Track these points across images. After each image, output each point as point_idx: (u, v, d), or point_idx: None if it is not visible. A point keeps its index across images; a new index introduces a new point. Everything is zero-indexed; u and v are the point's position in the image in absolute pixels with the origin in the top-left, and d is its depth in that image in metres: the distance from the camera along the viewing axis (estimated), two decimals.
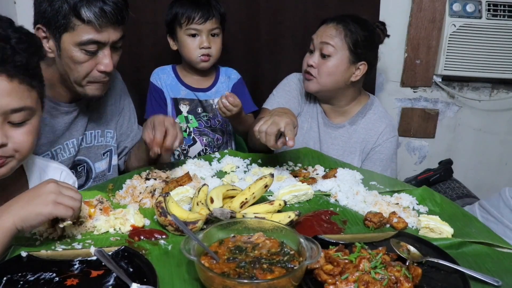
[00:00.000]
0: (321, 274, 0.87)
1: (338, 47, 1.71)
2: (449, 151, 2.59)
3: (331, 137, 1.85)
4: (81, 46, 1.30)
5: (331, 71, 1.73)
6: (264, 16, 2.17)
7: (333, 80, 1.75)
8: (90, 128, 1.55)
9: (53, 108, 1.42)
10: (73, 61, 1.32)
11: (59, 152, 1.46)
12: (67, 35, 1.29)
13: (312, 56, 1.77)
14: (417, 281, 0.86)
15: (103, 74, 1.36)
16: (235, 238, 0.96)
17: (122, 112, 1.66)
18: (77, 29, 1.28)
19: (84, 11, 1.25)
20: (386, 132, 1.79)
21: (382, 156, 1.79)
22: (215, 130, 1.93)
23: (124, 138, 1.68)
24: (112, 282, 0.86)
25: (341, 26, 1.72)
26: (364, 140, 1.82)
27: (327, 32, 1.74)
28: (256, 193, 1.17)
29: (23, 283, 0.85)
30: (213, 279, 0.82)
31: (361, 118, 1.83)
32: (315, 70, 1.75)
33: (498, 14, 2.26)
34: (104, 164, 1.61)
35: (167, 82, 1.90)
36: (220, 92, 1.93)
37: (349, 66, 1.73)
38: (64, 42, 1.30)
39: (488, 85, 2.48)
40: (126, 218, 1.09)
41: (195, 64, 1.84)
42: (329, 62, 1.73)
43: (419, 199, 1.29)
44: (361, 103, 1.86)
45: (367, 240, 1.03)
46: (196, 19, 1.75)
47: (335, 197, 1.29)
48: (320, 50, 1.74)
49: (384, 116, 1.84)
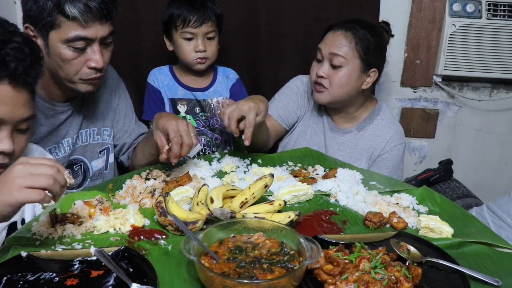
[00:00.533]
0: (321, 274, 0.87)
1: (349, 57, 1.65)
2: (449, 151, 2.59)
3: (337, 142, 1.82)
4: (68, 43, 1.28)
5: (343, 82, 1.67)
6: (264, 17, 2.16)
7: (345, 91, 1.69)
8: (85, 127, 1.54)
9: (48, 108, 1.42)
10: (61, 59, 1.31)
11: (53, 151, 1.46)
12: (53, 33, 1.28)
13: (321, 66, 1.70)
14: (417, 281, 0.86)
15: (94, 71, 1.35)
16: (235, 238, 0.96)
17: (118, 108, 1.65)
18: (63, 26, 1.26)
19: (68, 7, 1.24)
20: (394, 139, 1.76)
21: (389, 163, 1.76)
22: (214, 130, 1.93)
23: (122, 134, 1.67)
24: (112, 282, 0.86)
25: (350, 33, 1.65)
26: (371, 147, 1.78)
27: (336, 41, 1.66)
28: (256, 193, 1.17)
29: (23, 283, 0.85)
30: (213, 279, 0.82)
31: (368, 124, 1.80)
32: (326, 81, 1.68)
33: (498, 14, 2.25)
34: (100, 162, 1.60)
35: (164, 82, 1.90)
36: (218, 91, 1.93)
37: (361, 75, 1.68)
38: (52, 40, 1.29)
39: (488, 85, 2.48)
40: (126, 218, 1.10)
41: (191, 66, 1.84)
42: (340, 73, 1.66)
43: (419, 199, 1.29)
44: (369, 109, 1.82)
45: (367, 240, 1.03)
46: (191, 23, 1.74)
47: (335, 197, 1.29)
48: (330, 60, 1.67)
49: (392, 123, 1.80)
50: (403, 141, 1.80)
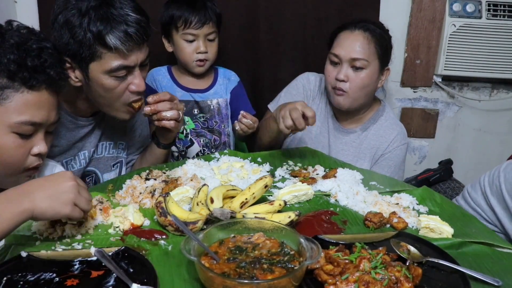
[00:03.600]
0: (321, 274, 0.87)
1: (371, 59, 1.62)
2: (449, 151, 2.59)
3: (342, 142, 1.81)
4: (110, 74, 1.26)
5: (365, 84, 1.64)
6: (264, 17, 2.16)
7: (365, 92, 1.67)
8: (103, 140, 1.52)
9: (70, 121, 1.40)
10: (104, 89, 1.29)
11: (69, 163, 1.44)
12: (94, 64, 1.25)
13: (340, 70, 1.65)
14: (417, 281, 0.86)
15: (135, 94, 1.33)
16: (235, 238, 0.96)
17: (135, 125, 1.62)
18: (104, 57, 1.23)
19: (110, 38, 1.20)
20: (397, 139, 1.75)
21: (391, 163, 1.76)
22: (212, 131, 1.93)
23: (133, 151, 1.65)
24: (112, 283, 0.86)
25: (368, 34, 1.62)
26: (375, 147, 1.78)
27: (356, 43, 1.62)
28: (256, 193, 1.17)
29: (23, 283, 0.85)
30: (213, 279, 0.82)
31: (372, 124, 1.79)
32: (346, 84, 1.64)
33: (498, 14, 2.25)
34: (112, 175, 1.57)
35: (163, 83, 1.89)
36: (218, 93, 1.92)
37: (379, 75, 1.67)
38: (92, 71, 1.26)
39: (488, 85, 2.48)
40: (125, 216, 1.09)
41: (191, 68, 1.83)
42: (362, 75, 1.62)
43: (419, 199, 1.29)
44: (373, 109, 1.81)
45: (367, 240, 1.03)
46: (193, 24, 1.73)
47: (335, 197, 1.29)
48: (350, 63, 1.63)
49: (395, 123, 1.80)
50: (406, 142, 1.79)
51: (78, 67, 1.26)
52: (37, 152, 1.09)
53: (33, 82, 1.03)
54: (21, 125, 1.04)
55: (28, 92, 1.04)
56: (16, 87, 1.02)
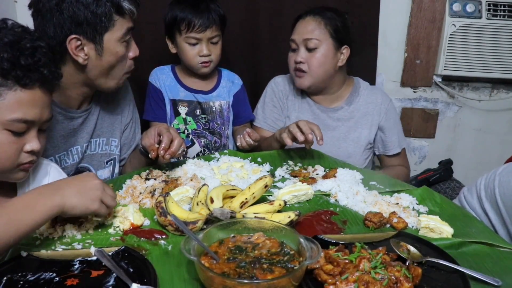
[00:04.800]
0: (321, 274, 0.87)
1: (322, 38, 1.77)
2: (449, 151, 2.59)
3: (334, 119, 1.91)
4: (121, 40, 1.34)
5: (321, 62, 1.79)
6: (264, 17, 2.16)
7: (324, 70, 1.81)
8: (95, 136, 1.53)
9: (59, 113, 1.40)
10: (117, 58, 1.35)
11: (63, 158, 1.44)
12: (108, 34, 1.31)
13: (297, 53, 1.82)
14: (417, 281, 0.86)
15: (132, 61, 1.42)
16: (235, 238, 0.96)
17: (130, 123, 1.65)
18: (116, 24, 1.31)
19: (125, 4, 1.31)
20: (384, 101, 1.91)
21: (392, 120, 1.92)
22: (213, 133, 1.93)
23: (126, 149, 1.66)
24: (112, 282, 0.86)
25: (318, 17, 1.79)
26: (367, 113, 1.90)
27: (307, 27, 1.79)
28: (256, 193, 1.17)
29: (23, 283, 0.85)
30: (213, 279, 0.82)
31: (355, 97, 1.92)
32: (304, 65, 1.80)
33: (498, 14, 2.25)
34: (107, 172, 1.58)
35: (166, 83, 1.89)
36: (221, 95, 1.92)
37: (335, 52, 1.80)
38: (107, 41, 1.31)
39: (488, 85, 2.48)
40: (125, 216, 1.10)
41: (195, 70, 1.83)
42: (317, 54, 1.78)
43: (419, 199, 1.29)
44: (350, 86, 1.94)
45: (367, 240, 1.03)
46: (196, 27, 1.72)
47: (335, 197, 1.29)
48: (305, 45, 1.79)
49: (374, 88, 2.01)
50: (390, 98, 1.97)
51: (92, 42, 1.30)
52: (29, 149, 1.10)
53: (27, 81, 1.04)
54: (14, 123, 1.05)
55: (21, 90, 1.04)
56: (9, 85, 1.03)
